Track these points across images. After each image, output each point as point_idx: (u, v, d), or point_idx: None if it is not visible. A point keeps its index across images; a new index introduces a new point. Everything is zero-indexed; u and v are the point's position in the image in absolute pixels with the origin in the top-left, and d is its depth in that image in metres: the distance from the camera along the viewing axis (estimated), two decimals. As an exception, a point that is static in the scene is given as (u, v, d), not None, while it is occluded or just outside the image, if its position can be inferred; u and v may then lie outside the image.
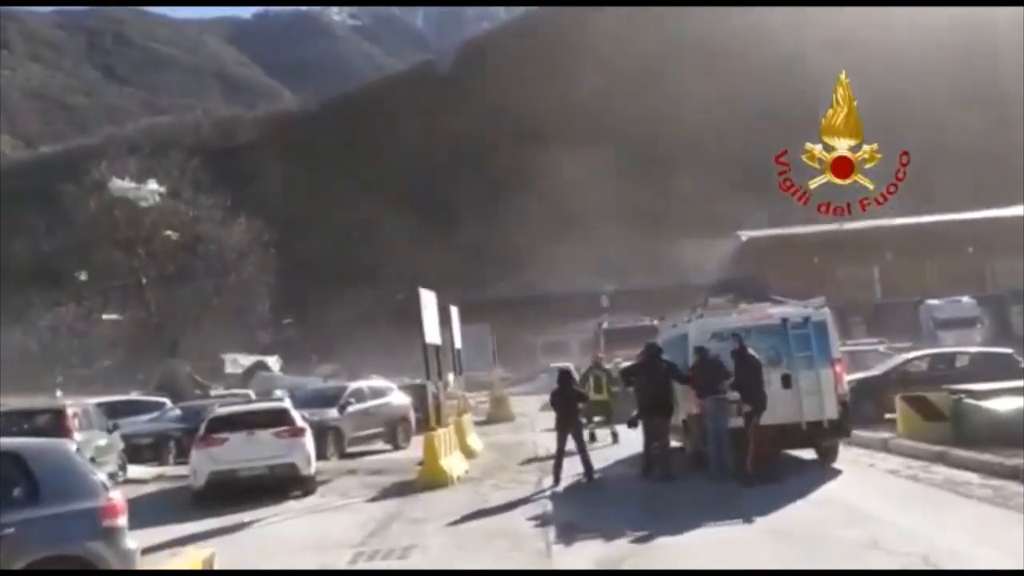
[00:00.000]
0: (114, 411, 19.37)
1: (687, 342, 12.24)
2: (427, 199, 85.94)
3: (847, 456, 12.60)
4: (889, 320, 40.43)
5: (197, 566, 5.37)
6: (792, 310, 12.50)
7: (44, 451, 6.37)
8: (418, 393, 22.29)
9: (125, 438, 16.94)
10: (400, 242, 76.94)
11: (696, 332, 12.15)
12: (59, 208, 42.42)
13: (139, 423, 19.65)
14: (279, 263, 45.18)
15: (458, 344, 19.58)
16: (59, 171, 56.08)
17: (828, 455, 12.37)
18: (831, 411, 11.75)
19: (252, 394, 26.06)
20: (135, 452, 17.48)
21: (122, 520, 6.22)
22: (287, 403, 14.46)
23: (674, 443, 13.15)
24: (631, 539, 8.27)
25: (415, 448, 18.56)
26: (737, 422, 11.28)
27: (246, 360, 39.28)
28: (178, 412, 20.69)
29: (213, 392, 29.42)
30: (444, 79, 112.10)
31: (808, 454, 12.78)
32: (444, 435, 14.19)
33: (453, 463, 14.07)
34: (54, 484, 5.98)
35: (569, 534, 8.81)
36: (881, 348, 23.83)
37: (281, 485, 13.03)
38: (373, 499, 12.48)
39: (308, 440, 13.40)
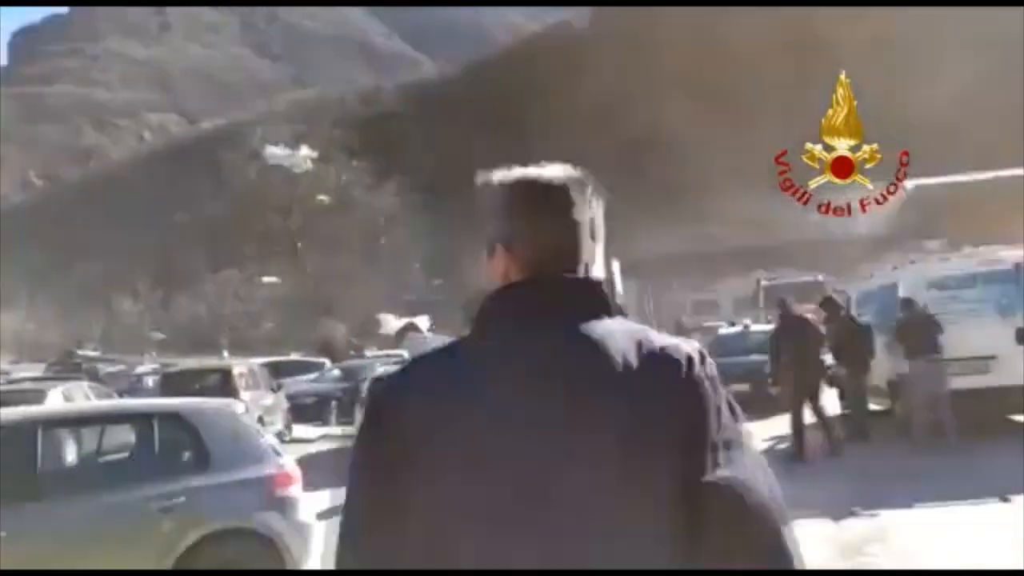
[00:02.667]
0: (276, 371, 19.59)
1: (895, 294, 10.69)
2: (570, 157, 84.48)
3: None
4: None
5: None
6: (1030, 252, 10.68)
7: (212, 413, 5.72)
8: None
9: (288, 398, 16.99)
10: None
11: (909, 282, 10.56)
12: (220, 178, 44.23)
13: (301, 383, 19.77)
14: (428, 226, 45.44)
15: (620, 299, 18.46)
16: (218, 144, 58.53)
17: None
18: (1078, 370, 9.95)
19: (406, 355, 25.99)
20: (298, 412, 17.53)
21: (296, 489, 5.59)
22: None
23: (874, 406, 11.70)
24: (862, 518, 7.05)
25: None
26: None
27: (397, 322, 39.70)
28: (337, 372, 20.73)
29: (368, 353, 29.66)
30: (581, 37, 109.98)
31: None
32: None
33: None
34: (223, 449, 5.37)
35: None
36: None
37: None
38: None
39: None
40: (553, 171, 1.40)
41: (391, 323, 39.56)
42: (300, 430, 16.41)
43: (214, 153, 48.74)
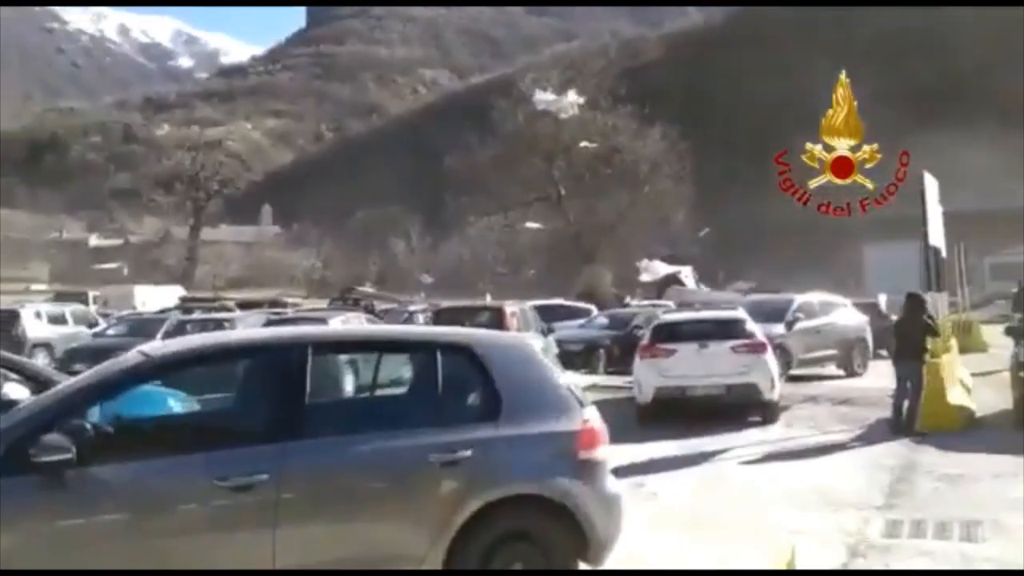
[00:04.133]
0: (543, 315, 18.88)
1: None
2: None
3: None
4: None
5: (781, 567, 3.40)
6: None
7: (506, 349, 4.50)
8: (871, 312, 18.89)
9: (556, 343, 16.11)
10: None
11: None
12: (489, 124, 44.71)
13: (569, 329, 18.88)
14: (693, 175, 43.18)
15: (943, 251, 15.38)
16: (487, 94, 59.48)
17: None
18: None
19: (672, 304, 24.47)
20: (565, 358, 16.60)
21: (602, 451, 4.33)
22: (742, 312, 12.15)
23: None
24: None
25: (872, 375, 15.47)
26: None
27: (660, 269, 38.10)
28: (604, 320, 19.64)
29: (634, 302, 28.41)
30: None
31: None
32: (947, 364, 10.87)
33: (959, 400, 10.77)
34: (518, 395, 4.19)
35: None
36: None
37: (736, 409, 10.90)
38: (859, 437, 9.76)
39: (770, 358, 11.01)
40: None
41: (654, 271, 38.10)
42: (568, 378, 15.50)
43: (484, 103, 49.40)
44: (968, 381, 14.10)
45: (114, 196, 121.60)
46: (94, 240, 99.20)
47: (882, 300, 25.39)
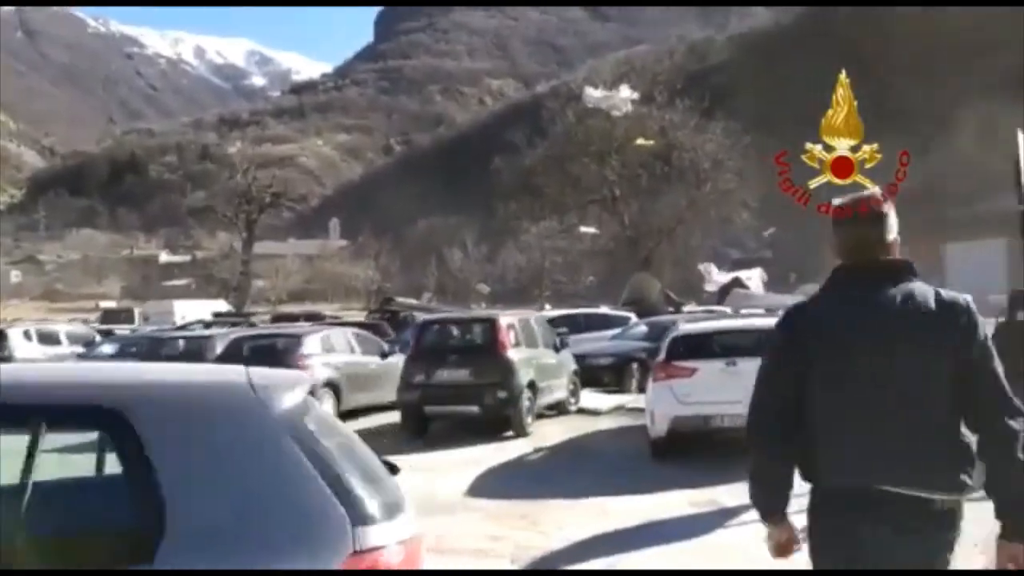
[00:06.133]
0: (574, 324, 16.75)
1: None
2: (922, 101, 73.16)
3: None
4: None
5: None
6: None
7: (199, 409, 2.09)
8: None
9: (580, 358, 13.94)
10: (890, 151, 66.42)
11: None
12: (540, 126, 42.88)
13: (599, 340, 16.64)
14: (758, 171, 40.28)
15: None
16: (546, 99, 57.86)
17: None
18: None
19: (730, 312, 22.03)
20: (592, 375, 14.43)
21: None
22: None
23: None
24: None
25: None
26: None
27: (721, 276, 35.43)
28: (643, 328, 17.33)
29: (686, 308, 25.97)
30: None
31: None
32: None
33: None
34: (212, 503, 1.94)
35: None
36: None
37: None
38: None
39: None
40: (867, 194, 2.65)
41: (715, 279, 35.50)
42: (589, 399, 13.31)
43: (537, 104, 47.77)
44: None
45: (191, 214, 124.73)
46: (164, 257, 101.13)
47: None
